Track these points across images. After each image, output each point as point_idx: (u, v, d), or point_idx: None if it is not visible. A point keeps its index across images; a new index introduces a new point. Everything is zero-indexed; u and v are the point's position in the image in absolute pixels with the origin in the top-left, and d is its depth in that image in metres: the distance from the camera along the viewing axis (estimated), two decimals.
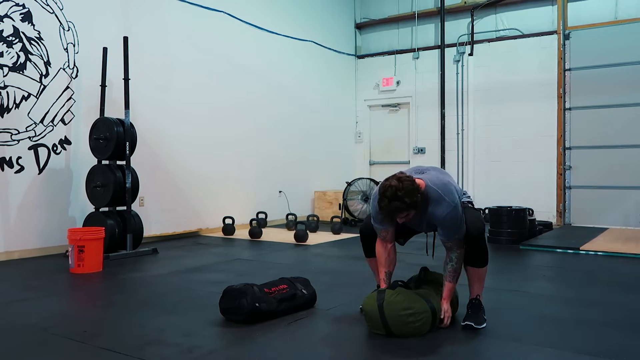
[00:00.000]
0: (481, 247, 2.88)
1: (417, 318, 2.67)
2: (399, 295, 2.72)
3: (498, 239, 5.87)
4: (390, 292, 2.73)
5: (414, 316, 2.66)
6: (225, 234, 6.69)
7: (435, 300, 2.81)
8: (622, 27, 7.40)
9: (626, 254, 5.13)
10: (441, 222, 2.75)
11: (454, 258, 2.85)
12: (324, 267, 4.71)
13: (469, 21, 8.61)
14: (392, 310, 2.64)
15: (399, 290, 2.76)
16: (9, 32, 4.97)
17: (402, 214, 2.64)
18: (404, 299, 2.70)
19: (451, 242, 2.83)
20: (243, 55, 7.45)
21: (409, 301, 2.70)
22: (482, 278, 2.95)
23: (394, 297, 2.70)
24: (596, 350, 2.48)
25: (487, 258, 2.93)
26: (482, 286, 2.96)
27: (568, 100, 7.78)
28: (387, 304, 2.66)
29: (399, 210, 2.61)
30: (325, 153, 9.01)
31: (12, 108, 5.00)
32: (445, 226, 2.76)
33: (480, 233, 2.84)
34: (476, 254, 2.88)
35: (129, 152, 5.13)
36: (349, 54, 9.69)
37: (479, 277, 2.94)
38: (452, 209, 2.71)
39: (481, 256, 2.89)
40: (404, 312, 2.65)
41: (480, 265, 2.91)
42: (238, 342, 2.65)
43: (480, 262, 2.90)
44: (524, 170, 8.16)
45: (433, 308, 2.75)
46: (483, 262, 2.91)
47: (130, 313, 3.20)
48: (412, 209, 2.62)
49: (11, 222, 5.00)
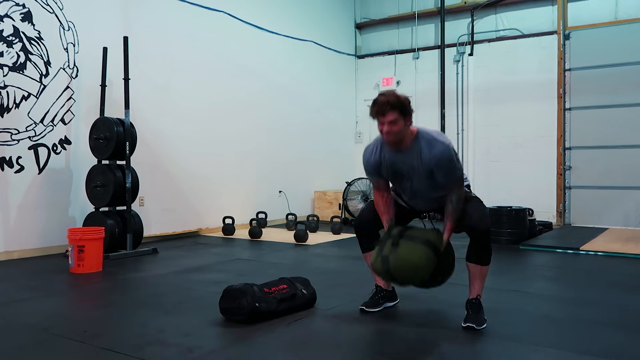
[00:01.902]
0: (486, 245, 2.90)
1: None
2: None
3: (498, 239, 5.87)
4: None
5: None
6: (225, 234, 6.69)
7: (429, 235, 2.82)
8: (622, 27, 7.40)
9: (626, 254, 5.13)
10: (437, 163, 2.73)
11: (454, 199, 2.81)
12: (324, 267, 4.71)
13: (469, 21, 8.61)
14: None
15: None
16: (9, 32, 4.97)
17: (391, 113, 2.66)
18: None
19: (450, 184, 2.80)
20: (243, 55, 7.45)
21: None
22: (483, 277, 2.95)
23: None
24: (596, 350, 2.48)
25: (491, 257, 2.95)
26: (483, 286, 2.96)
27: (568, 101, 7.78)
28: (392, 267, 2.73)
29: (391, 106, 2.65)
30: (325, 153, 9.01)
31: (12, 108, 5.00)
32: (442, 166, 2.74)
33: (486, 230, 2.86)
34: (480, 251, 2.90)
35: (129, 152, 5.13)
36: (349, 54, 9.69)
37: (481, 275, 2.94)
38: (446, 147, 2.74)
39: (485, 254, 2.91)
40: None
41: (484, 263, 2.92)
42: (238, 342, 2.65)
43: (483, 259, 2.91)
44: (524, 171, 8.16)
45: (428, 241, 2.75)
46: (486, 260, 2.92)
47: (130, 313, 3.20)
48: (400, 112, 2.66)
49: (11, 222, 5.00)
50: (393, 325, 2.91)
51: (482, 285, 2.97)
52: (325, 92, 9.07)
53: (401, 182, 2.94)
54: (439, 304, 3.34)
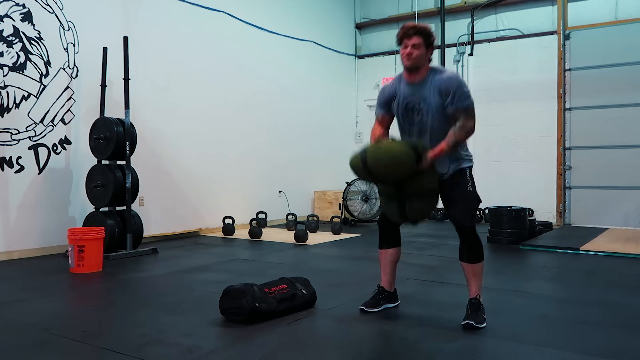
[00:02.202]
0: (473, 243, 2.91)
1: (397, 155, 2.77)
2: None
3: (498, 239, 5.87)
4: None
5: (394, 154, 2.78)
6: (225, 234, 6.68)
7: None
8: (622, 27, 7.40)
9: (626, 254, 5.13)
10: (447, 84, 2.80)
11: (458, 125, 2.82)
12: (324, 267, 4.71)
13: (469, 21, 8.61)
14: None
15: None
16: (9, 32, 4.97)
17: (415, 37, 2.82)
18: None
19: (459, 112, 2.81)
20: (243, 56, 7.45)
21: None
22: (478, 275, 2.95)
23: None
24: (596, 350, 2.48)
25: (482, 253, 2.94)
26: (480, 285, 2.96)
27: (568, 100, 7.78)
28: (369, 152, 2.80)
29: (416, 30, 2.82)
30: (325, 153, 9.01)
31: (12, 108, 5.00)
32: (451, 87, 2.79)
33: (469, 229, 2.88)
34: (468, 249, 2.92)
35: (129, 152, 5.13)
36: (349, 54, 9.69)
37: (475, 274, 2.94)
38: (456, 75, 2.91)
39: (473, 252, 2.92)
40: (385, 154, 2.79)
41: (473, 260, 2.93)
42: (238, 342, 2.65)
43: (472, 257, 2.92)
44: (524, 171, 8.16)
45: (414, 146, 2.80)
46: (475, 257, 2.92)
47: (130, 313, 3.20)
48: (423, 39, 2.83)
49: (11, 222, 5.00)
50: (393, 326, 2.91)
51: (479, 283, 2.96)
52: (325, 92, 9.07)
53: (412, 117, 2.94)
54: (438, 304, 3.34)
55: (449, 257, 5.01)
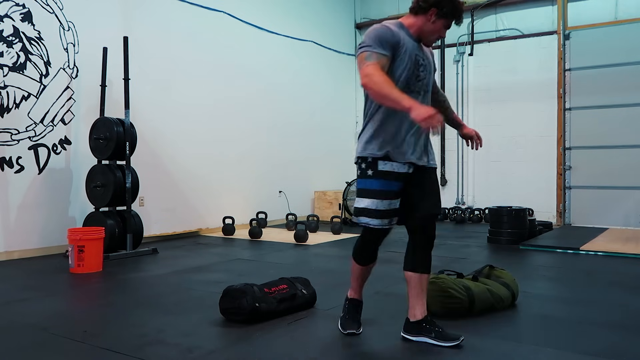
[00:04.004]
0: (432, 243, 2.67)
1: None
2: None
3: (498, 239, 5.88)
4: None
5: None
6: (225, 234, 6.69)
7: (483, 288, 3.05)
8: (622, 27, 7.40)
9: (626, 254, 5.13)
10: (433, 63, 2.73)
11: (447, 98, 2.93)
12: (324, 267, 4.71)
13: (469, 21, 8.61)
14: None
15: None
16: (9, 32, 4.97)
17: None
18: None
19: (435, 84, 2.84)
20: (243, 55, 7.45)
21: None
22: (425, 288, 2.65)
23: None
24: (596, 350, 2.48)
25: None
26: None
27: (568, 100, 7.78)
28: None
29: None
30: (325, 153, 9.01)
31: (12, 108, 5.00)
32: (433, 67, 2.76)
33: (436, 217, 2.72)
34: (429, 253, 2.65)
35: (129, 152, 5.13)
36: (349, 54, 9.69)
37: (425, 287, 2.63)
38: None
39: (430, 256, 2.64)
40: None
41: (429, 268, 2.64)
42: (238, 342, 2.65)
43: (430, 263, 2.64)
44: (524, 171, 8.16)
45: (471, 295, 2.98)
46: (430, 264, 2.64)
47: (130, 313, 3.20)
48: None
49: (11, 222, 5.00)
50: (393, 325, 2.91)
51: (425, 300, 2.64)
52: (325, 92, 9.07)
53: (416, 77, 2.55)
54: None
55: (449, 257, 5.01)
